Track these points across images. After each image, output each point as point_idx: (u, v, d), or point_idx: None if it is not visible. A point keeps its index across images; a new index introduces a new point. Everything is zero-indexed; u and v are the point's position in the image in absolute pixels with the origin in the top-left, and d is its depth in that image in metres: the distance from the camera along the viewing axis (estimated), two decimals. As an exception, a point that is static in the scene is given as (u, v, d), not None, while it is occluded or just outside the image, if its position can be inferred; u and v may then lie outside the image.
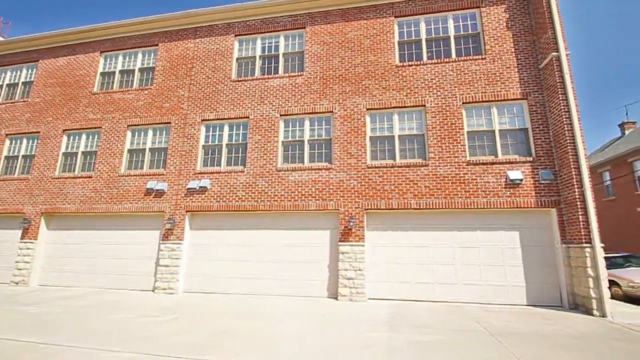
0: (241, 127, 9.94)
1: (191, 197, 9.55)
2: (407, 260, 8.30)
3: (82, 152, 10.94)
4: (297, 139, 9.49)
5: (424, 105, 8.94)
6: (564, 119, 7.66)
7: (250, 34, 10.59)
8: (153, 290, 9.13)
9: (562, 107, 7.73)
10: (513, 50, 8.86)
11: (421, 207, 8.31)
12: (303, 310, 7.01)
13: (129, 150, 10.57)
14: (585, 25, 76.61)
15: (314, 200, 8.80)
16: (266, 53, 10.40)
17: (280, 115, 9.66)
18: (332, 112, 9.38)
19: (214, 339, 5.05)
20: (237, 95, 10.10)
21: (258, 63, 10.37)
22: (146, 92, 10.86)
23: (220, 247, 9.24)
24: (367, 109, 9.21)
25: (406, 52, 9.55)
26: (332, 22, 10.07)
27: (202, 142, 10.06)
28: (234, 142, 9.89)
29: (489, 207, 8.05)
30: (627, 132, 22.98)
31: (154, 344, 4.76)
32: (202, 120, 10.15)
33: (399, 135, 8.98)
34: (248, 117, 9.84)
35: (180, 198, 9.62)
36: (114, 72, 11.52)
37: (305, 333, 5.39)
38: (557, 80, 7.89)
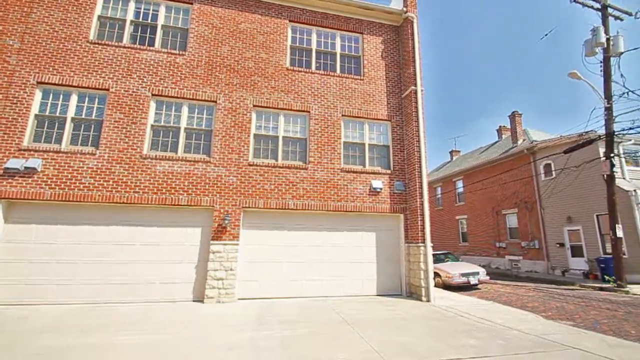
0: (97, 99, 8.17)
1: (10, 180, 7.24)
2: (281, 259, 8.46)
3: None
4: (171, 124, 8.44)
5: (309, 112, 9.38)
6: (415, 142, 9.33)
7: (122, -8, 8.88)
8: None
9: (414, 132, 9.40)
10: (384, 78, 10.28)
11: (298, 208, 8.64)
12: (160, 317, 6.21)
13: None
14: (442, 73, 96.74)
15: (186, 194, 7.99)
16: (140, 20, 8.90)
17: (153, 94, 8.41)
18: (215, 102, 8.76)
19: (26, 364, 3.88)
20: (95, 61, 8.28)
21: (128, 28, 8.76)
22: (-57, 27, 7.70)
23: (53, 246, 7.30)
24: (254, 106, 9.02)
25: (297, 57, 9.83)
26: (224, 7, 9.46)
27: (34, 110, 7.78)
28: (84, 116, 8.02)
29: (355, 210, 9.04)
30: (454, 158, 29.99)
31: None
32: (38, 82, 7.86)
33: (283, 137, 9.13)
34: (107, 90, 8.18)
35: (-8, 180, 7.16)
36: None
37: (160, 343, 4.77)
38: (413, 110, 9.56)
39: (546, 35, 16.01)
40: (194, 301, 7.65)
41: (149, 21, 8.92)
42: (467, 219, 22.05)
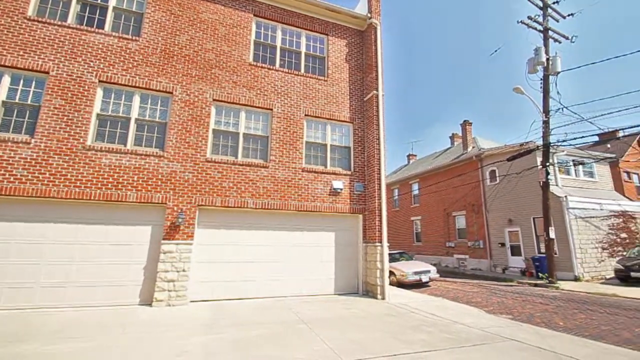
0: (34, 83, 7.33)
1: None
2: (238, 259, 8.22)
3: None
4: (120, 114, 7.82)
5: (271, 109, 9.23)
6: (375, 145, 9.59)
7: (67, -34, 8.07)
8: None
9: (375, 135, 9.66)
10: (348, 80, 10.44)
11: (257, 207, 8.46)
12: (101, 323, 5.71)
13: None
14: (404, 83, 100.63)
15: (135, 190, 7.45)
16: (89, -1, 8.17)
17: (100, 81, 7.74)
18: (171, 93, 8.28)
19: None
20: (34, 40, 7.42)
21: (74, 7, 7.97)
22: None
23: (-28, 246, 6.42)
24: (214, 100, 8.67)
25: (261, 53, 9.63)
26: (184, -6, 8.99)
27: (-46, 90, 6.80)
28: (17, 100, 7.16)
29: (316, 210, 9.06)
30: (411, 161, 31.37)
31: None
32: (-41, 58, 6.88)
33: (244, 134, 8.89)
34: (47, 73, 7.38)
35: None
36: None
37: (99, 351, 4.38)
38: (374, 113, 9.81)
39: (495, 51, 17.40)
40: (140, 305, 7.15)
41: (99, 1, 8.19)
42: (421, 220, 23.18)
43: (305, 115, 9.60)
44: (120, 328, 5.44)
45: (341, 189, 9.43)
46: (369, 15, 10.48)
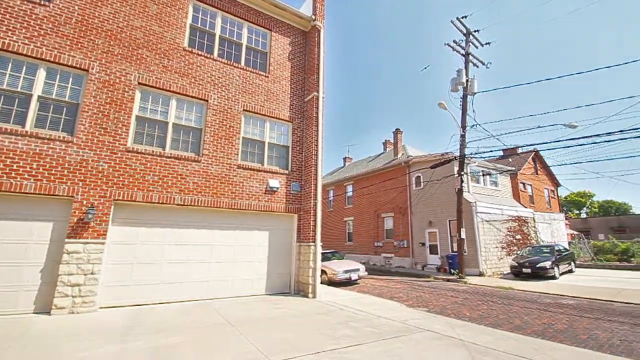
0: None
1: None
2: (161, 260, 7.55)
3: None
4: (19, 90, 6.57)
5: (207, 101, 8.71)
6: (313, 146, 9.70)
7: None
8: None
9: (314, 136, 9.77)
10: (289, 79, 10.38)
11: (186, 204, 7.89)
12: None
13: None
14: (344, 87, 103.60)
15: (34, 179, 6.32)
16: (-21, -56, 6.71)
17: (-8, 47, 6.42)
18: (87, 70, 7.25)
19: None
20: None
21: (-44, -49, 6.50)
22: None
23: None
24: (140, 83, 7.84)
25: (197, 39, 9.02)
26: (109, -39, 7.97)
27: None
28: None
29: (250, 209, 8.80)
30: (346, 164, 32.55)
31: None
32: None
33: (174, 124, 8.22)
34: None
35: None
36: None
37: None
38: (314, 115, 9.94)
39: (425, 68, 19.08)
40: (35, 313, 6.09)
41: (-7, -50, 6.78)
42: (354, 220, 24.21)
43: (244, 110, 9.27)
44: (5, 341, 4.55)
45: (277, 188, 9.33)
46: (313, 17, 10.57)
